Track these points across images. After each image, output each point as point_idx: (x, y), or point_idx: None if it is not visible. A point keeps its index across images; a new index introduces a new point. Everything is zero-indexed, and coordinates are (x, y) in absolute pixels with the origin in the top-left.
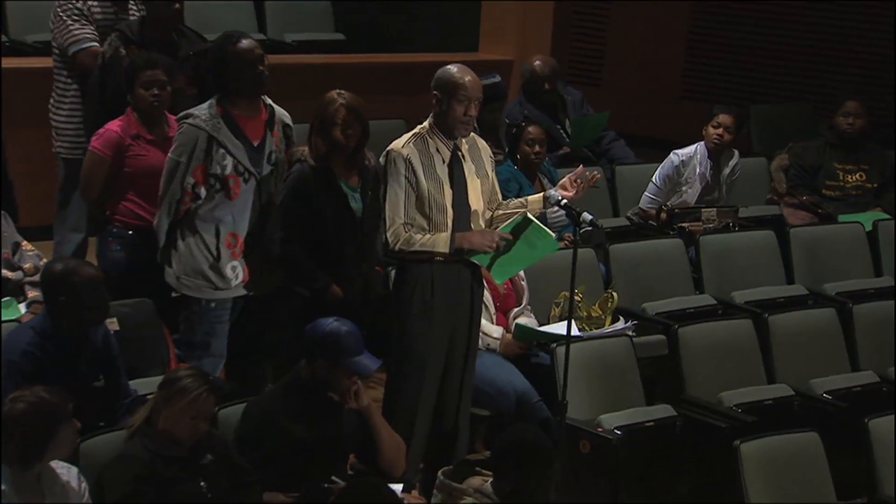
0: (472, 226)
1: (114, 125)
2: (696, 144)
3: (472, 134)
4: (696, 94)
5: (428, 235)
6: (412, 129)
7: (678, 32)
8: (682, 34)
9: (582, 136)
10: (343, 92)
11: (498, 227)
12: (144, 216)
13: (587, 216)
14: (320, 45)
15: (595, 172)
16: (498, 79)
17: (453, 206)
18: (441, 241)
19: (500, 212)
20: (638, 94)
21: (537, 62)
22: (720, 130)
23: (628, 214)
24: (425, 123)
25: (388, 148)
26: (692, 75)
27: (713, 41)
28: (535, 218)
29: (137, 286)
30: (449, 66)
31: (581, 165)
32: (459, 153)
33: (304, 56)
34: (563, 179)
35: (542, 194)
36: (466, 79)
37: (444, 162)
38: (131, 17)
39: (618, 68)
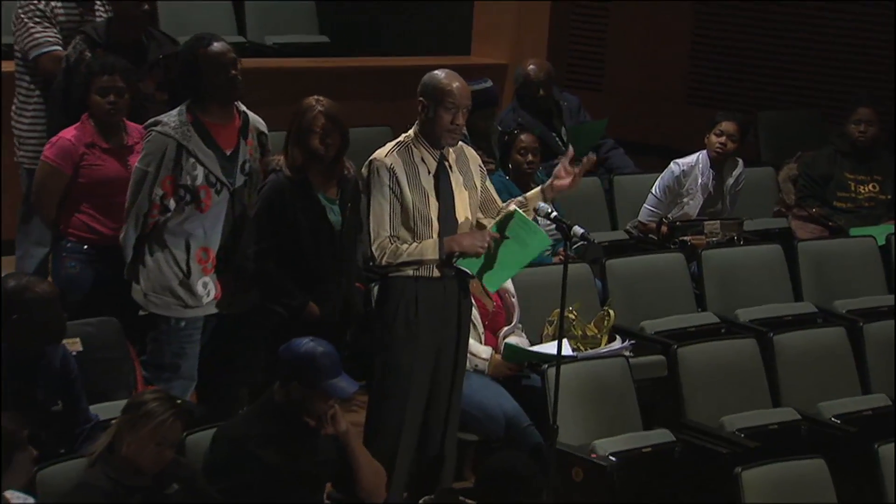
0: None
1: (68, 133)
2: (697, 153)
3: (460, 143)
4: (701, 98)
5: (414, 244)
6: (399, 136)
7: (682, 33)
8: (687, 35)
9: (579, 144)
10: (321, 98)
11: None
12: (101, 230)
13: (578, 229)
14: (303, 48)
15: (591, 155)
16: (490, 84)
17: (439, 219)
18: (429, 248)
19: (500, 217)
20: (640, 99)
21: (531, 66)
22: (723, 139)
23: (627, 227)
24: (410, 132)
25: (370, 157)
26: (698, 79)
27: (719, 43)
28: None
29: (101, 304)
30: (436, 72)
31: (571, 148)
32: (446, 163)
33: (285, 60)
34: (557, 168)
35: (538, 189)
36: (454, 85)
37: (429, 172)
38: (97, 19)
39: (619, 72)
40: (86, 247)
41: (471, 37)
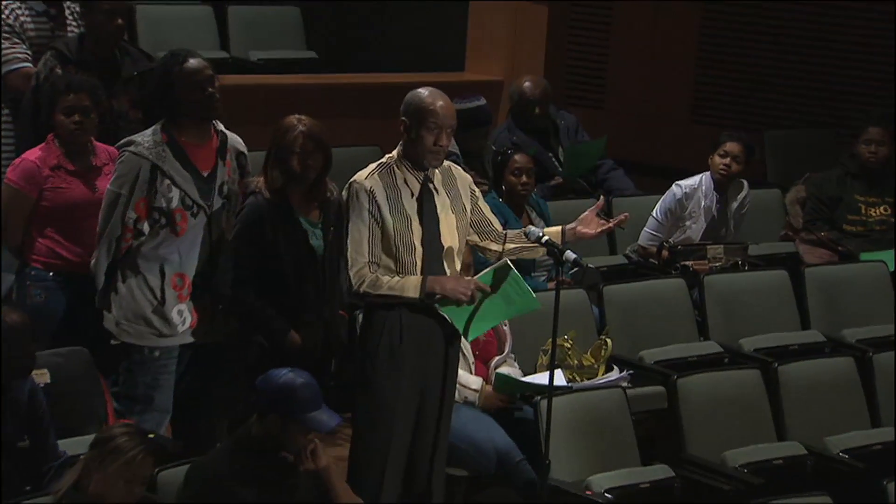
0: (445, 265)
1: (32, 154)
2: (700, 175)
3: (448, 163)
4: (707, 116)
5: (396, 278)
6: (382, 157)
7: (687, 50)
8: (692, 52)
9: (576, 164)
10: (303, 117)
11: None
12: (67, 256)
13: (570, 255)
14: (290, 65)
15: (626, 214)
16: (482, 102)
17: (423, 244)
18: (410, 286)
19: (512, 245)
20: (643, 117)
21: (527, 83)
22: (727, 160)
23: (626, 252)
24: (394, 153)
25: (350, 180)
26: (703, 97)
27: (726, 59)
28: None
29: (70, 333)
30: (419, 90)
31: (602, 198)
32: (431, 185)
33: (270, 76)
34: (586, 213)
35: (559, 229)
36: (438, 104)
37: (412, 195)
38: (69, 34)
39: (621, 89)
40: (52, 274)
41: (465, 53)
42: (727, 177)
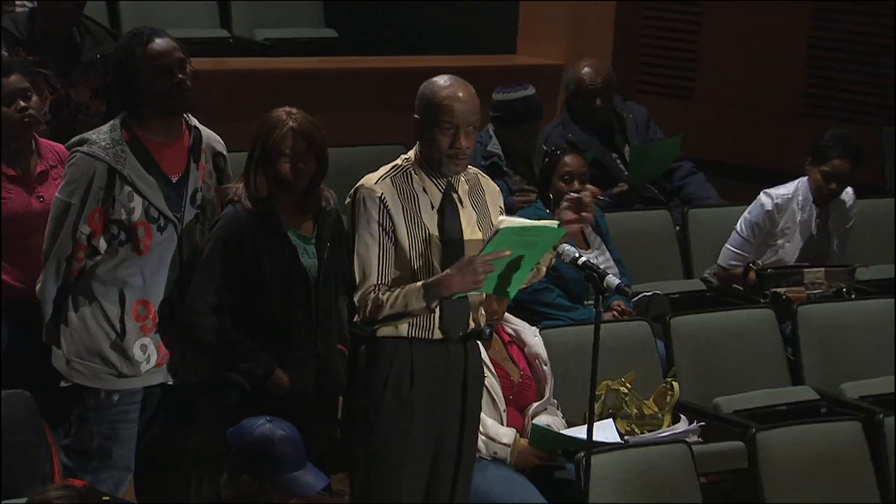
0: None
1: None
2: (796, 182)
3: (475, 171)
4: (819, 108)
5: (396, 291)
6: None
7: (797, 29)
8: (802, 32)
9: (645, 167)
10: (293, 110)
11: None
12: (6, 280)
13: (612, 280)
14: (304, 46)
15: (593, 189)
16: (530, 91)
17: (443, 265)
18: (413, 295)
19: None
20: (743, 109)
21: (586, 69)
22: (833, 184)
23: (705, 275)
24: (410, 153)
25: (357, 184)
26: (816, 85)
27: (839, 46)
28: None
29: (10, 374)
30: (435, 80)
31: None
32: (454, 195)
33: (280, 60)
34: (563, 202)
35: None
36: (454, 97)
37: (432, 206)
38: (18, 10)
39: (716, 73)
40: None
41: (516, 31)
42: (829, 198)
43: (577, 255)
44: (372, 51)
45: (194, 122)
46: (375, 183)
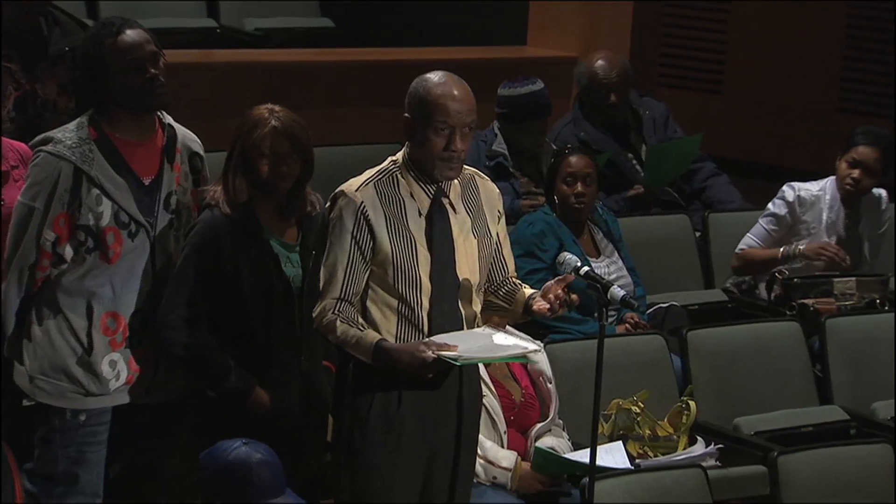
0: (461, 305)
1: None
2: (826, 180)
3: (473, 172)
4: (856, 104)
5: (354, 331)
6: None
7: (832, 19)
8: (839, 23)
9: (662, 169)
10: (275, 108)
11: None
12: None
13: (617, 292)
14: (298, 37)
15: (574, 296)
16: (539, 86)
17: (432, 279)
18: (365, 346)
19: (499, 302)
20: (775, 105)
21: (599, 62)
22: (856, 173)
23: (727, 285)
24: (398, 155)
25: (338, 189)
26: (852, 79)
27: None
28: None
29: None
30: (428, 76)
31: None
32: (444, 200)
33: (272, 52)
34: (548, 285)
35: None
36: (449, 95)
37: (420, 213)
38: None
39: (746, 67)
40: None
41: (526, 21)
42: (854, 193)
43: (578, 264)
44: (372, 42)
45: (168, 119)
46: (356, 190)
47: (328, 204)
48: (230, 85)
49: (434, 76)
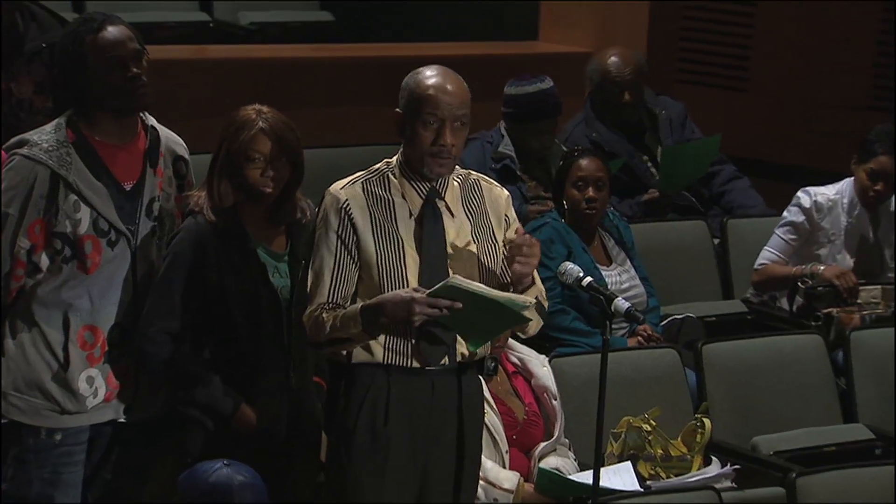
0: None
1: None
2: (843, 183)
3: (478, 176)
4: (887, 100)
5: (339, 312)
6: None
7: (864, 14)
8: (872, 17)
9: (679, 171)
10: (263, 108)
11: None
12: None
13: (621, 304)
14: (295, 31)
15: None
16: (548, 85)
17: (420, 281)
18: (351, 319)
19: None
20: (805, 102)
21: (612, 58)
22: (879, 186)
23: (747, 295)
24: (394, 157)
25: (326, 190)
26: (887, 74)
27: None
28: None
29: None
30: (421, 70)
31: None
32: (439, 202)
33: (267, 47)
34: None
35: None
36: (438, 87)
37: (411, 215)
38: None
39: (773, 63)
40: None
41: (538, 14)
42: (876, 201)
43: (580, 274)
44: (373, 37)
45: (151, 121)
46: (341, 188)
47: (318, 205)
48: (223, 82)
49: (427, 70)
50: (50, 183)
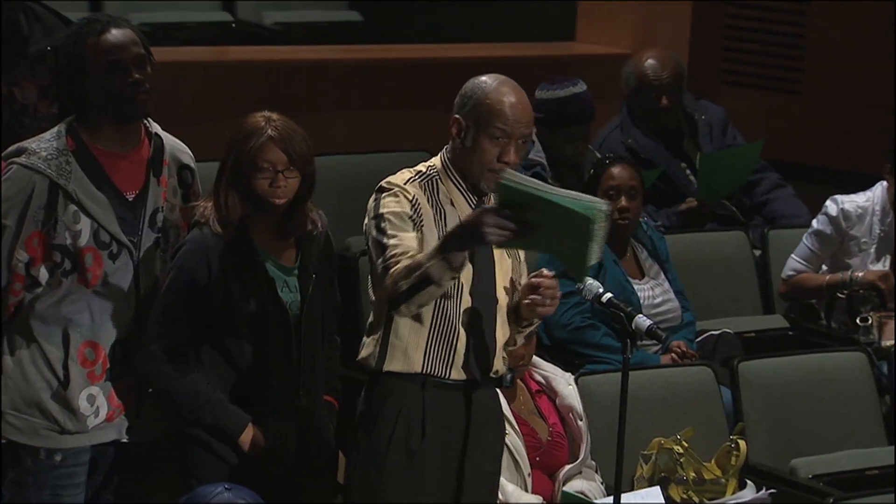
0: (497, 323)
1: None
2: (873, 189)
3: None
4: None
5: (413, 259)
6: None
7: None
8: None
9: (718, 180)
10: (273, 116)
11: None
12: None
13: (643, 322)
14: (321, 31)
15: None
16: (581, 88)
17: (472, 292)
18: (430, 254)
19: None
20: (862, 105)
21: (649, 61)
22: None
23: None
24: (435, 160)
25: (380, 183)
26: None
27: None
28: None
29: None
30: (483, 78)
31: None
32: None
33: (292, 49)
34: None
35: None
36: (509, 102)
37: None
38: None
39: (825, 66)
40: None
41: (575, 14)
42: None
43: (600, 290)
44: (402, 38)
45: (156, 128)
46: (406, 183)
47: (371, 200)
48: (247, 84)
49: (492, 80)
50: (49, 193)
